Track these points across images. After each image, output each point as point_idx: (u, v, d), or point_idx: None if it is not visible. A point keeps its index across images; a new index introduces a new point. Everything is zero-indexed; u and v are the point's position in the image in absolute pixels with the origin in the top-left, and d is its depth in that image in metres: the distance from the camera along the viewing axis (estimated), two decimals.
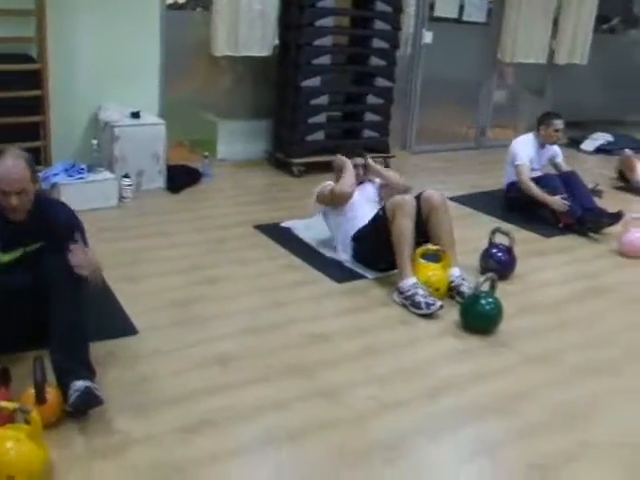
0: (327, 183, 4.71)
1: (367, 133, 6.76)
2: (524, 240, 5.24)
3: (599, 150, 8.53)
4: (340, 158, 4.73)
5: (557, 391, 3.38)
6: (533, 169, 5.83)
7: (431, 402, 3.19)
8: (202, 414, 2.93)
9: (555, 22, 8.19)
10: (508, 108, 8.60)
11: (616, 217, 5.46)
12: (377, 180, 4.82)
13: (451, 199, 5.94)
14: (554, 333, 3.96)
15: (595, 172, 7.54)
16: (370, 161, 4.78)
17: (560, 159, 6.05)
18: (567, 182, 5.70)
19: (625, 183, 6.99)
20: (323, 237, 4.84)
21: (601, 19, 9.58)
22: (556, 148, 6.07)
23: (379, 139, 6.81)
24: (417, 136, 7.67)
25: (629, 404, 3.35)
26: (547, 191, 5.59)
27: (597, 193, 5.91)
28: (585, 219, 5.48)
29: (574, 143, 8.70)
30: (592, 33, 8.61)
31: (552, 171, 6.04)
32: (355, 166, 4.66)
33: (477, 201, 6.07)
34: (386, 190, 4.69)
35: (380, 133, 6.80)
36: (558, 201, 5.52)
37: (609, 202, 5.83)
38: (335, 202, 4.61)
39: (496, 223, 5.30)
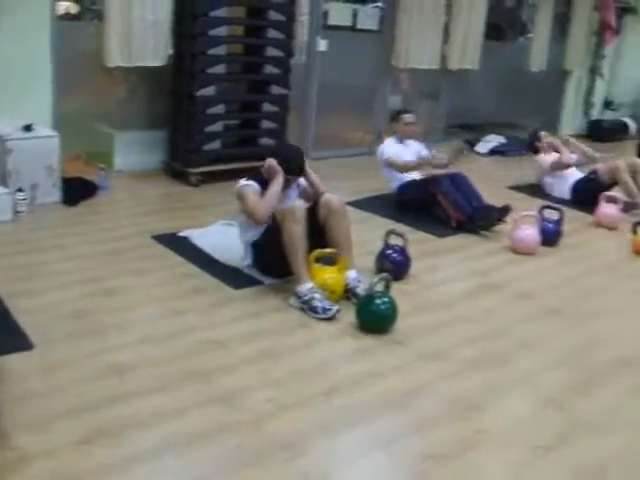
0: (247, 185, 4.42)
1: (264, 141, 6.79)
2: (418, 240, 5.37)
3: (493, 152, 8.79)
4: (272, 165, 4.44)
5: (451, 384, 3.48)
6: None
7: (328, 401, 3.24)
8: (100, 424, 2.91)
9: (446, 28, 8.38)
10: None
11: (504, 211, 5.65)
12: (302, 182, 4.66)
13: (348, 203, 6.01)
14: (448, 329, 4.07)
15: (488, 173, 7.79)
16: (310, 171, 4.60)
17: (425, 153, 6.27)
18: (456, 182, 5.86)
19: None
20: (220, 245, 4.86)
21: (491, 26, 9.90)
22: (418, 144, 6.35)
23: None
24: (315, 143, 7.74)
25: (519, 392, 3.48)
26: (438, 191, 5.75)
27: (459, 151, 6.11)
28: (476, 216, 5.65)
29: (469, 145, 8.93)
30: (482, 39, 8.84)
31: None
32: (288, 180, 4.45)
33: (372, 204, 6.19)
34: (304, 195, 4.64)
35: (277, 140, 6.84)
36: (436, 155, 5.86)
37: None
38: (249, 217, 4.38)
39: (391, 225, 5.40)
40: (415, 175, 6.14)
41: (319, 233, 4.27)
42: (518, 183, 7.44)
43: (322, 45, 7.40)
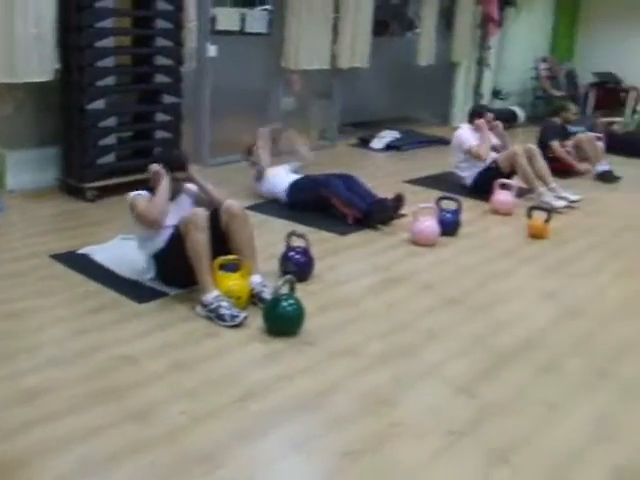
0: (137, 194, 4.42)
1: (159, 151, 6.72)
2: (320, 240, 5.41)
3: (388, 147, 8.91)
4: (155, 169, 4.45)
5: (362, 380, 3.53)
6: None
7: (242, 408, 3.24)
8: (12, 453, 2.84)
9: (335, 28, 8.45)
10: (298, 114, 8.80)
11: (397, 201, 5.77)
12: (192, 189, 4.64)
13: (247, 208, 5.98)
14: (355, 326, 4.13)
15: (384, 168, 7.91)
16: (193, 172, 4.62)
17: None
18: (347, 183, 5.96)
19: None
20: (120, 259, 4.78)
21: (379, 23, 10.04)
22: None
23: None
24: (211, 149, 7.70)
25: (428, 382, 3.56)
26: (330, 193, 5.83)
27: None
28: (372, 211, 5.73)
29: (364, 142, 9.05)
30: (371, 37, 8.95)
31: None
32: (174, 179, 4.44)
33: (272, 207, 6.20)
34: (199, 203, 4.58)
35: (172, 150, 6.77)
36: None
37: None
38: (143, 223, 4.39)
39: (291, 227, 5.41)
40: (296, 177, 6.28)
41: (222, 240, 4.26)
42: (414, 176, 7.56)
43: (212, 51, 7.37)
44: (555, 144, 7.99)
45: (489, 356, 3.85)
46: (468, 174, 7.08)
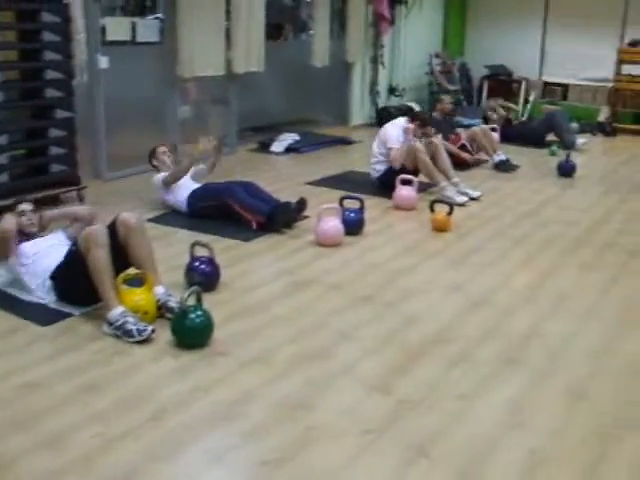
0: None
1: (55, 167, 6.54)
2: (225, 248, 5.37)
3: (288, 150, 8.91)
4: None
5: (276, 387, 3.50)
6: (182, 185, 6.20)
7: (157, 426, 3.17)
8: None
9: (228, 34, 8.39)
10: (197, 122, 8.72)
11: (301, 205, 5.77)
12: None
13: (149, 220, 5.96)
14: (266, 332, 4.09)
15: (285, 171, 7.92)
16: (46, 213, 4.69)
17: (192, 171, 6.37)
18: (248, 189, 5.95)
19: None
20: (20, 282, 4.62)
21: (273, 27, 10.04)
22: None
23: (68, 172, 6.62)
24: (109, 163, 7.53)
25: (343, 383, 3.55)
26: (232, 201, 5.79)
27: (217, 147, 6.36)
28: (275, 215, 5.71)
29: (264, 147, 9.02)
30: (265, 41, 8.93)
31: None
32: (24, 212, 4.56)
33: (173, 219, 6.10)
34: (78, 226, 4.57)
35: (68, 166, 6.62)
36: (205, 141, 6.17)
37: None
38: None
39: (196, 237, 5.36)
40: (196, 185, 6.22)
41: (121, 254, 4.18)
42: (316, 177, 7.57)
43: (103, 62, 7.20)
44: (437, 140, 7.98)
45: (401, 352, 3.88)
46: (381, 167, 7.10)
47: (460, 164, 8.15)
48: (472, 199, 6.87)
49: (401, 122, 7.16)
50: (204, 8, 7.91)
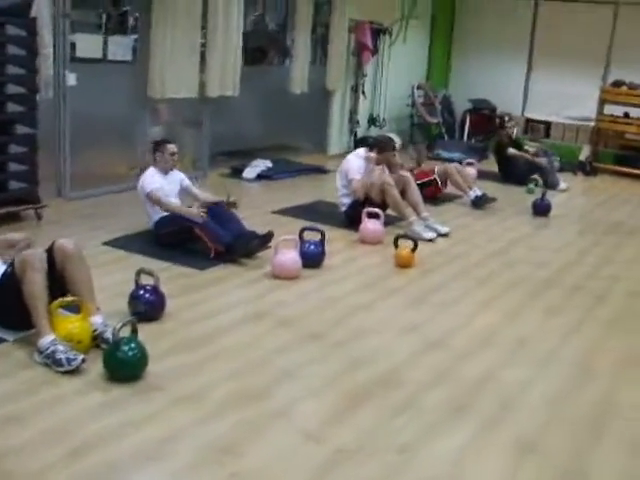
0: None
1: (14, 185, 6.35)
2: (179, 275, 5.19)
3: (260, 177, 8.74)
4: None
5: (207, 427, 3.32)
6: (168, 196, 5.86)
7: (77, 462, 2.97)
8: None
9: (203, 57, 8.25)
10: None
11: (265, 239, 5.56)
12: None
13: (106, 243, 5.77)
14: (207, 367, 3.89)
15: (253, 199, 7.75)
16: None
17: (187, 182, 6.12)
18: (214, 212, 5.71)
19: None
20: None
21: (256, 50, 9.93)
22: (179, 173, 6.15)
23: (28, 189, 6.42)
24: (73, 182, 7.32)
25: (277, 427, 3.35)
26: (195, 224, 5.57)
27: (232, 205, 5.96)
28: (235, 246, 5.50)
29: (236, 172, 8.85)
30: (246, 65, 8.79)
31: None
32: None
33: (133, 243, 5.87)
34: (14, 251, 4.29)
35: (28, 183, 6.42)
36: (195, 211, 5.60)
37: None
38: None
39: (151, 262, 5.19)
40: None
41: (59, 281, 3.99)
42: (284, 206, 7.38)
43: (71, 79, 7.03)
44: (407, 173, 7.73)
45: (344, 396, 3.68)
46: (347, 200, 6.93)
47: (435, 197, 8.05)
48: (440, 235, 6.69)
49: (361, 152, 7.03)
50: (179, 29, 7.77)
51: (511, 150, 9.62)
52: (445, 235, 6.74)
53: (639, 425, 3.63)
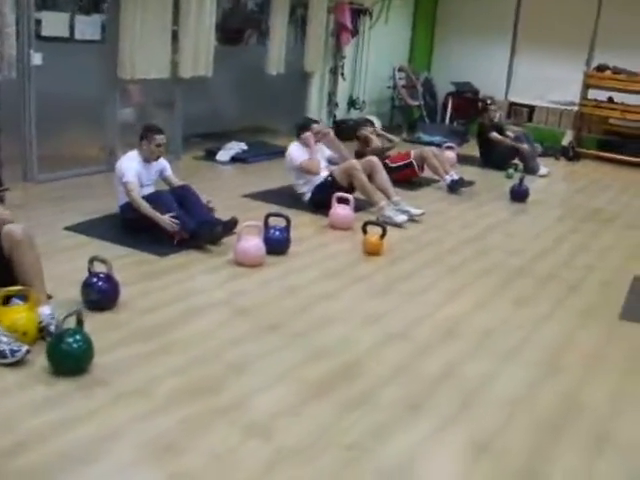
0: None
1: None
2: (138, 262, 5.04)
3: (234, 159, 8.56)
4: None
5: (150, 424, 3.18)
6: (143, 185, 5.62)
7: (15, 459, 2.84)
8: None
9: (175, 37, 8.05)
10: (139, 126, 8.32)
11: (230, 225, 5.40)
12: None
13: (68, 228, 5.60)
14: (156, 359, 3.74)
15: (225, 182, 7.59)
16: None
17: (169, 173, 5.90)
18: (180, 197, 5.55)
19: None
20: None
21: (234, 31, 9.74)
22: (163, 162, 5.89)
23: None
24: (41, 164, 7.13)
25: (224, 423, 3.21)
26: (160, 209, 5.39)
27: (211, 210, 5.76)
28: (199, 232, 5.33)
29: (211, 154, 8.66)
30: (222, 45, 8.59)
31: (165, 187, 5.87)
32: None
33: (98, 227, 5.69)
34: None
35: None
36: (167, 220, 5.34)
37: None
38: None
39: (113, 248, 5.05)
40: (145, 190, 5.71)
41: (6, 269, 3.82)
42: (255, 190, 7.20)
43: (37, 58, 6.82)
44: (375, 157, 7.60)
45: (297, 390, 3.54)
46: (306, 189, 6.80)
47: (409, 181, 7.92)
48: (413, 217, 6.53)
49: (294, 143, 7.05)
50: (149, 9, 7.55)
51: (493, 134, 9.48)
52: (418, 217, 6.60)
53: (601, 424, 3.51)
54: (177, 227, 5.32)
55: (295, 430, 3.20)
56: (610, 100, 11.21)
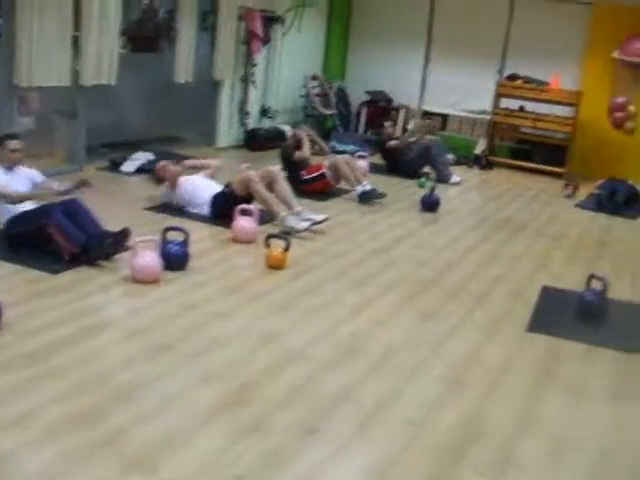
0: None
1: None
2: (28, 281, 4.79)
3: (140, 170, 8.28)
4: None
5: (27, 456, 2.96)
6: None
7: None
8: None
9: (76, 44, 7.74)
10: (41, 136, 8.00)
11: (121, 236, 5.16)
12: None
13: None
14: (37, 387, 3.50)
15: (128, 194, 7.33)
16: None
17: (41, 179, 5.72)
18: (70, 211, 5.27)
19: None
20: None
21: (144, 39, 9.49)
22: (28, 170, 5.70)
23: None
24: None
25: (102, 457, 2.99)
26: (49, 223, 5.11)
27: (84, 184, 5.63)
28: (89, 246, 5.08)
29: (115, 165, 8.36)
30: (124, 53, 8.33)
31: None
32: None
33: None
34: None
35: None
36: (53, 186, 5.52)
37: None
38: None
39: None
40: (29, 206, 5.44)
41: None
42: (158, 203, 6.93)
43: None
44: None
45: (185, 417, 3.35)
46: (197, 208, 6.65)
47: (323, 193, 7.79)
48: (316, 224, 6.37)
49: None
50: (47, 13, 7.23)
51: (389, 143, 9.71)
52: (321, 222, 6.42)
53: (504, 445, 3.40)
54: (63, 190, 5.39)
55: (180, 462, 3.00)
56: (522, 109, 11.28)
